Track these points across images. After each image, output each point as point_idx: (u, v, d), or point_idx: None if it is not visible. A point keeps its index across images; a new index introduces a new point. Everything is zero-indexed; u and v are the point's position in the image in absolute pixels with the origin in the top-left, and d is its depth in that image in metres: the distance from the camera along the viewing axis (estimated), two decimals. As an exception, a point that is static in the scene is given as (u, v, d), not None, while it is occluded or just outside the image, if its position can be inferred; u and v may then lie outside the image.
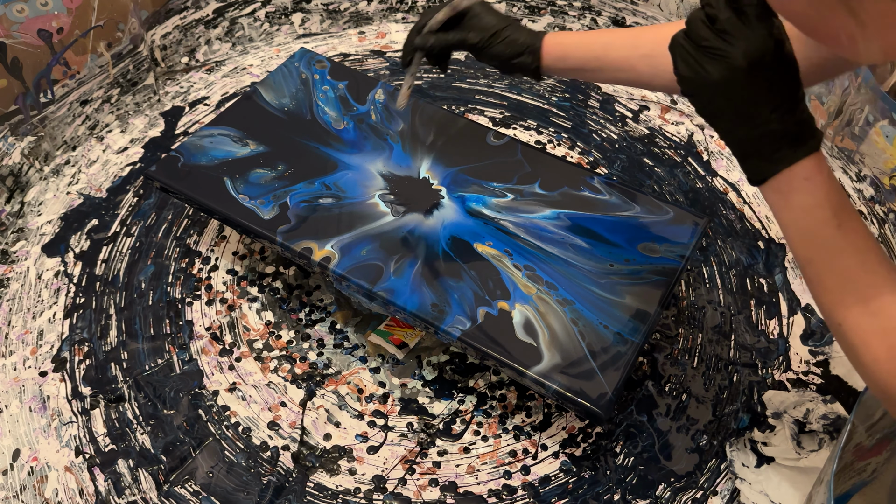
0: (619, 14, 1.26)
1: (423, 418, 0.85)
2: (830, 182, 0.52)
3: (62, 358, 0.90)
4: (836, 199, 0.52)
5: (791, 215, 0.53)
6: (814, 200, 0.52)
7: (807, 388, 0.87)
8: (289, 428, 0.85)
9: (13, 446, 0.83)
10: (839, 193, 0.52)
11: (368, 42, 1.31)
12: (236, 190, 0.87)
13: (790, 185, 0.52)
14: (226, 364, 0.90)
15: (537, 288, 0.79)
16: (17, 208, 1.06)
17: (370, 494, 0.80)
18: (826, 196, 0.51)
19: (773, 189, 0.53)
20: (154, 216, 1.05)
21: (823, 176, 0.51)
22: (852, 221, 0.52)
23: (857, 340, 0.52)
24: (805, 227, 0.53)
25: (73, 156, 1.13)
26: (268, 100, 0.98)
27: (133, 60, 1.17)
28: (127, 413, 0.86)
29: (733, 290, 0.96)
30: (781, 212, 0.54)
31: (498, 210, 0.86)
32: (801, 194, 0.52)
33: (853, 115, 0.98)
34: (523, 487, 0.80)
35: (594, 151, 1.13)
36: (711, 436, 0.83)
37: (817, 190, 0.51)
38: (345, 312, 0.94)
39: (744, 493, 0.79)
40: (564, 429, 0.84)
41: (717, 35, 0.49)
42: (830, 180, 0.52)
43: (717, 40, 0.49)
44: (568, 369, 0.72)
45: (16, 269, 0.99)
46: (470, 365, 0.89)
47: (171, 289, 0.97)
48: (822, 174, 0.51)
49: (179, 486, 0.80)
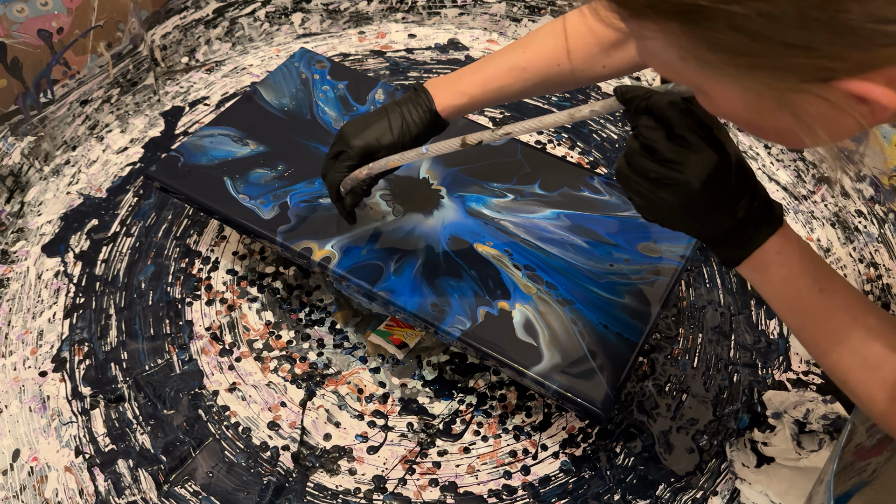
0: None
1: (423, 418, 0.85)
2: (802, 250, 0.53)
3: (62, 358, 0.90)
4: (812, 265, 0.53)
5: (773, 289, 0.55)
6: (790, 272, 0.53)
7: (807, 388, 0.87)
8: (289, 428, 0.85)
9: (13, 446, 0.83)
10: (813, 258, 0.53)
11: (368, 42, 1.31)
12: (236, 190, 0.87)
13: (764, 261, 0.53)
14: (226, 364, 0.90)
15: (537, 288, 0.79)
16: (17, 208, 1.06)
17: (370, 494, 0.80)
18: (801, 264, 0.53)
19: (749, 269, 0.54)
20: (154, 216, 1.05)
21: (793, 246, 0.53)
22: (832, 282, 0.53)
23: (863, 396, 0.53)
24: (789, 298, 0.54)
25: (73, 156, 1.13)
26: (268, 100, 0.98)
27: (133, 60, 1.17)
28: (127, 413, 0.86)
29: (733, 290, 0.96)
30: (763, 287, 0.55)
31: (498, 210, 0.86)
32: (777, 267, 0.53)
33: (853, 115, 0.97)
34: (523, 487, 0.80)
35: (594, 151, 1.13)
36: (711, 436, 0.83)
37: (791, 261, 0.53)
38: (345, 312, 0.94)
39: (744, 493, 0.79)
40: (564, 429, 0.84)
41: (663, 165, 0.50)
42: (801, 248, 0.53)
43: (664, 170, 0.50)
44: (568, 369, 0.72)
45: (16, 269, 0.99)
46: (470, 365, 0.89)
47: (171, 289, 0.97)
48: (792, 244, 0.53)
49: (179, 486, 0.80)
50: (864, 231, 0.99)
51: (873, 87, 0.36)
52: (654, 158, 0.50)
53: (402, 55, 1.28)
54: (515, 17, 1.31)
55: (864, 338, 0.52)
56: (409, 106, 0.70)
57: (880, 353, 0.51)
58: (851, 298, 0.53)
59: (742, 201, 0.51)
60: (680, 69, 0.41)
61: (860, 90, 0.36)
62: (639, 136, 0.51)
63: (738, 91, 0.40)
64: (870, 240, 0.98)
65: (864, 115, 0.37)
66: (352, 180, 0.69)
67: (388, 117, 0.70)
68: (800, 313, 0.54)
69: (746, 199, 0.52)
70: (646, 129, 0.51)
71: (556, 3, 1.29)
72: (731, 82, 0.40)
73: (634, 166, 0.52)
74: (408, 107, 0.70)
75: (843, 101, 0.37)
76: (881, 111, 0.37)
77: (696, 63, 0.39)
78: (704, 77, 0.41)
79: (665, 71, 0.43)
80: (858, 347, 0.52)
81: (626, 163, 0.53)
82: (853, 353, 0.52)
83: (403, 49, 1.29)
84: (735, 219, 0.52)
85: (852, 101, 0.37)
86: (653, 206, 0.52)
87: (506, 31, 1.32)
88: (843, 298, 0.53)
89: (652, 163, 0.51)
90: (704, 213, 0.52)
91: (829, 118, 0.39)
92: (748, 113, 0.42)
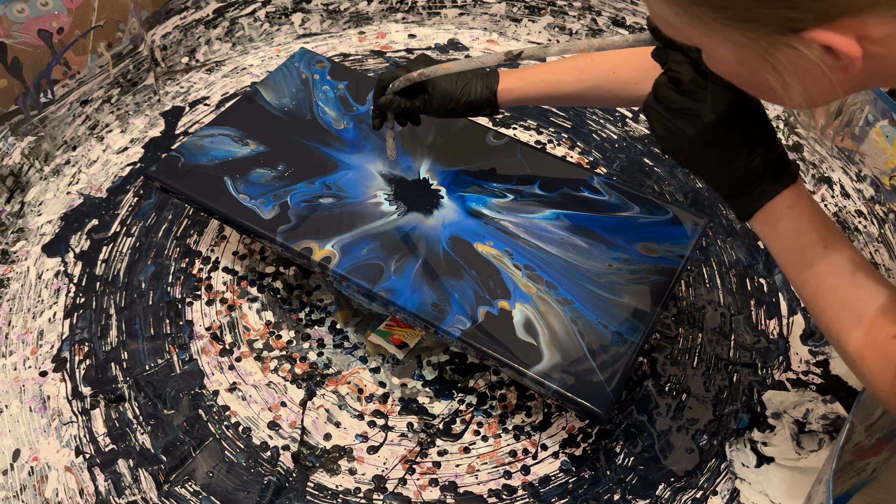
0: (619, 14, 1.26)
1: (423, 418, 0.85)
2: (812, 208, 0.55)
3: (62, 358, 0.90)
4: (820, 223, 0.55)
5: (780, 244, 0.57)
6: (798, 226, 0.55)
7: (807, 388, 0.87)
8: (289, 428, 0.85)
9: (13, 446, 0.83)
10: (822, 217, 0.56)
11: (368, 42, 1.31)
12: (236, 190, 0.88)
13: (775, 215, 0.56)
14: (226, 364, 0.90)
15: (537, 287, 0.79)
16: (17, 208, 1.06)
17: (370, 494, 0.80)
18: (809, 220, 0.55)
19: (760, 221, 0.57)
20: (154, 216, 1.05)
21: (805, 203, 0.55)
22: (838, 242, 0.55)
23: (854, 354, 0.54)
24: (794, 252, 0.56)
25: (73, 156, 1.13)
26: (268, 100, 0.98)
27: (133, 60, 1.17)
28: (127, 413, 0.86)
29: (733, 290, 0.96)
30: (772, 242, 0.57)
31: (498, 210, 0.86)
32: (786, 222, 0.55)
33: (853, 115, 0.98)
34: (523, 487, 0.80)
35: (594, 151, 1.13)
36: (711, 436, 0.83)
37: (801, 216, 0.55)
38: (345, 312, 0.94)
39: (744, 493, 0.79)
40: (564, 429, 0.85)
41: (684, 96, 0.53)
42: (812, 206, 0.55)
43: (685, 101, 0.53)
44: (568, 369, 0.73)
45: (16, 269, 0.99)
46: (470, 365, 0.89)
47: (171, 289, 0.97)
48: (804, 201, 0.55)
49: (179, 486, 0.80)
50: (864, 231, 0.99)
51: (834, 36, 0.38)
52: (678, 89, 0.53)
53: (402, 55, 1.28)
54: (515, 17, 1.31)
55: (862, 297, 0.54)
56: (479, 76, 0.77)
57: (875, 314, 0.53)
58: (856, 258, 0.55)
59: (758, 150, 0.54)
60: (678, 25, 0.44)
61: (824, 39, 0.39)
62: (667, 71, 0.54)
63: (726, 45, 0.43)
64: (870, 240, 0.98)
65: (831, 67, 0.40)
66: (405, 79, 0.74)
67: (459, 75, 0.77)
68: (803, 268, 0.56)
69: (763, 149, 0.54)
70: (674, 63, 0.53)
71: (556, 3, 1.29)
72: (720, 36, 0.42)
73: (660, 98, 0.55)
74: (478, 77, 0.77)
75: (813, 53, 0.40)
76: (850, 64, 0.39)
77: (688, 19, 0.42)
78: (698, 32, 0.43)
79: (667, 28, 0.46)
80: (855, 306, 0.54)
81: (652, 96, 0.55)
82: (849, 310, 0.54)
83: (403, 49, 1.29)
84: (750, 167, 0.54)
85: (820, 53, 0.40)
86: (672, 137, 0.55)
87: (506, 32, 1.32)
88: (846, 257, 0.55)
89: (675, 94, 0.53)
90: (719, 150, 0.54)
91: (803, 71, 0.41)
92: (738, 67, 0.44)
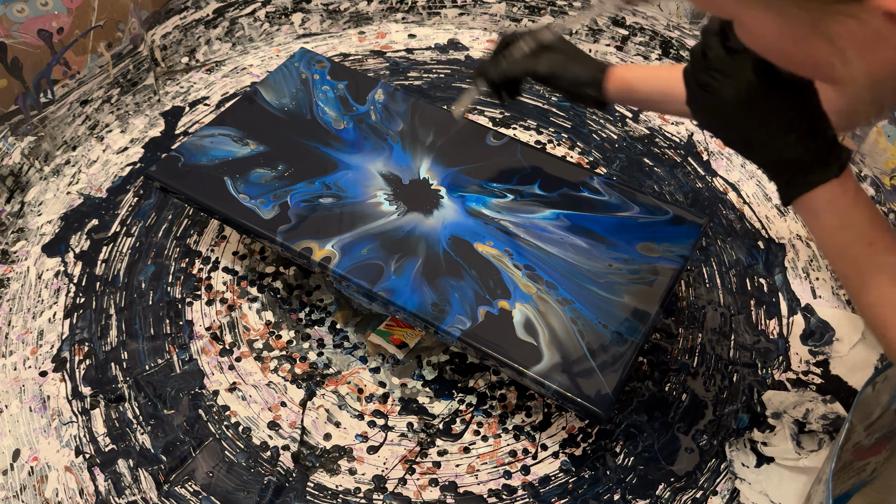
0: (620, 14, 1.26)
1: (423, 418, 0.85)
2: (857, 204, 0.52)
3: (62, 358, 0.90)
4: (866, 220, 0.52)
5: (822, 234, 0.55)
6: (840, 222, 0.53)
7: (806, 388, 0.87)
8: (289, 428, 0.85)
9: (13, 446, 0.83)
10: (868, 214, 0.53)
11: (368, 42, 1.31)
12: (236, 190, 0.88)
13: (814, 206, 0.53)
14: (226, 364, 0.90)
15: (537, 287, 0.79)
16: (17, 208, 1.06)
17: (370, 494, 0.80)
18: (854, 216, 0.52)
19: (801, 209, 0.55)
20: (154, 216, 1.05)
21: (849, 198, 0.52)
22: (884, 240, 0.52)
23: None
24: (836, 246, 0.54)
25: (73, 156, 1.13)
26: (268, 100, 0.98)
27: (133, 60, 1.17)
28: (127, 413, 0.86)
29: (733, 290, 0.96)
30: (814, 230, 0.55)
31: (498, 210, 0.86)
32: (827, 215, 0.53)
33: (853, 115, 0.97)
34: (523, 487, 0.80)
35: (594, 151, 1.13)
36: (711, 436, 0.83)
37: (842, 212, 0.52)
38: (345, 312, 0.94)
39: (744, 493, 0.79)
40: (564, 429, 0.85)
41: (707, 72, 0.51)
42: (857, 202, 0.52)
43: (707, 77, 0.51)
44: (568, 369, 0.73)
45: (16, 269, 0.99)
46: (470, 365, 0.89)
47: (171, 289, 0.97)
48: (847, 196, 0.52)
49: (179, 486, 0.80)
50: (864, 231, 0.99)
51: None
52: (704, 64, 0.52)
53: (402, 55, 1.28)
54: (515, 17, 1.32)
55: None
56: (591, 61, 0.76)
57: None
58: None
59: (796, 133, 0.51)
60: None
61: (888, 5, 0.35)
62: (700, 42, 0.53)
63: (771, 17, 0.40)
64: (869, 240, 0.98)
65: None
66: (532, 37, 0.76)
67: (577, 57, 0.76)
68: (847, 263, 0.54)
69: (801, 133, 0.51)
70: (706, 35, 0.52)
71: (556, 3, 1.29)
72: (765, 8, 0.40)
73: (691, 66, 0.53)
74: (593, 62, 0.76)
75: (878, 22, 0.36)
76: None
77: None
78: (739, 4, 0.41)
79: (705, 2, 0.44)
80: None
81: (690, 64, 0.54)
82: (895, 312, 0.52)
83: (403, 49, 1.29)
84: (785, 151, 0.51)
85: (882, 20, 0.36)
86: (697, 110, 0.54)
87: (506, 32, 1.32)
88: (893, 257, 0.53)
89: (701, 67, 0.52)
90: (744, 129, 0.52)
91: (865, 43, 0.38)
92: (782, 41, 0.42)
